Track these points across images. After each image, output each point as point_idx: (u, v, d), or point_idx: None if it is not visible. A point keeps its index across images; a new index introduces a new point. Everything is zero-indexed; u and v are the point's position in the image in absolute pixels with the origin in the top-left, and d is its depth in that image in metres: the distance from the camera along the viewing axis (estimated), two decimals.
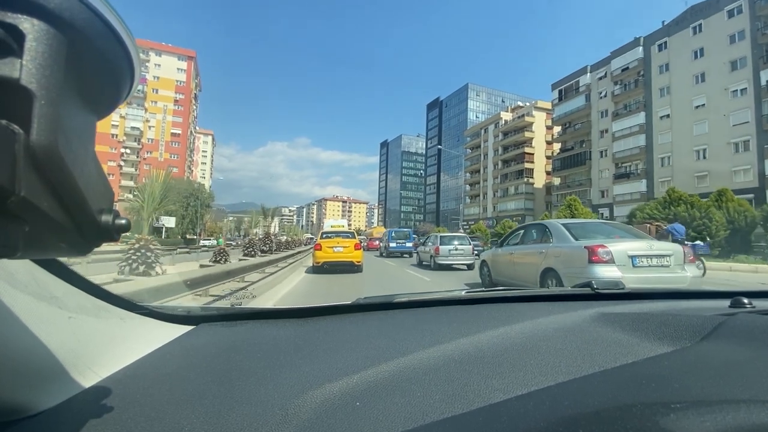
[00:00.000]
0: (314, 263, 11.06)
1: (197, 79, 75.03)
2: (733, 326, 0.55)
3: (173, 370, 0.57)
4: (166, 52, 66.78)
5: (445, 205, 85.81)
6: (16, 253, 0.22)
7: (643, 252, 4.57)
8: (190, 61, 68.47)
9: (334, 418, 0.43)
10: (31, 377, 0.42)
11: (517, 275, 5.97)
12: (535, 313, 0.80)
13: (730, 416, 0.29)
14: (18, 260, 0.36)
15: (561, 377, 0.48)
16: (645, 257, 4.54)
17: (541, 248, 5.45)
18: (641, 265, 4.49)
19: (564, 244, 5.07)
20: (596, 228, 5.64)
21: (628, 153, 38.08)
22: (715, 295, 1.10)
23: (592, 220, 9.24)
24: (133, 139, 63.45)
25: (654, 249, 4.63)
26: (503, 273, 6.51)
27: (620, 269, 4.38)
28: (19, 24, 0.20)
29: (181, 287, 4.31)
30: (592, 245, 4.59)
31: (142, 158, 64.16)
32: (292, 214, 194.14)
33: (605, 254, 4.45)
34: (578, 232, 5.19)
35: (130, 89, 0.29)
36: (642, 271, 4.47)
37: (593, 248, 4.52)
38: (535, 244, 5.79)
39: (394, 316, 0.89)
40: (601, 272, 4.35)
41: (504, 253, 6.61)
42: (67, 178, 0.22)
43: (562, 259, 4.97)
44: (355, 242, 11.12)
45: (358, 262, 10.88)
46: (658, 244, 4.82)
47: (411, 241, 19.70)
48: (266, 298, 6.24)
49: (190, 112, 68.99)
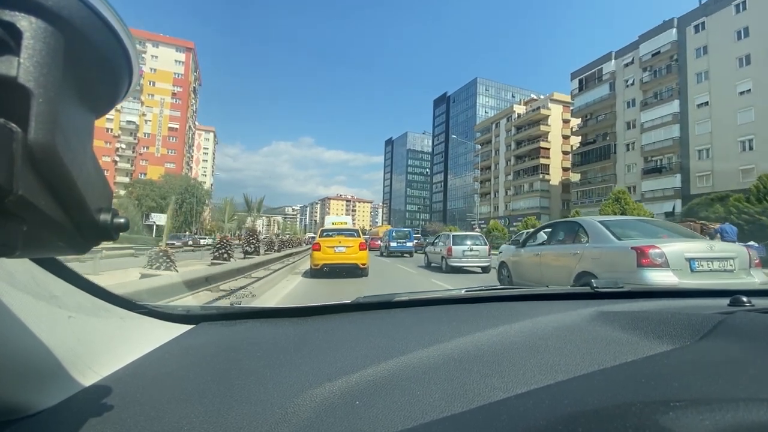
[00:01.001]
0: (312, 266, 9.34)
1: (196, 73, 72.48)
2: (732, 325, 0.55)
3: (173, 369, 0.57)
4: (164, 43, 64.14)
5: (452, 204, 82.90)
6: (15, 252, 0.22)
7: (702, 254, 3.97)
8: (189, 53, 65.81)
9: (333, 417, 0.43)
10: (31, 376, 0.42)
11: (545, 279, 5.27)
12: (534, 312, 0.80)
13: (730, 415, 0.29)
14: (17, 259, 0.36)
15: (560, 376, 0.48)
16: (705, 260, 3.93)
17: (575, 249, 4.78)
18: (701, 269, 3.87)
19: (604, 245, 4.44)
20: (638, 226, 4.95)
21: (659, 145, 34.81)
22: (714, 294, 1.11)
23: (631, 217, 7.66)
24: (128, 133, 60.88)
25: (715, 251, 4.03)
26: (527, 276, 5.79)
27: (676, 274, 3.77)
28: (17, 22, 0.20)
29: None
30: (640, 246, 3.97)
31: (138, 153, 61.64)
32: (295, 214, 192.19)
33: (658, 256, 3.84)
34: (619, 230, 4.54)
35: (129, 87, 0.28)
36: (702, 276, 3.85)
37: (643, 249, 3.90)
38: (566, 244, 5.11)
39: (393, 315, 0.89)
40: (654, 277, 3.74)
41: (528, 254, 5.84)
42: (66, 176, 0.22)
43: (602, 262, 4.37)
44: (359, 241, 9.46)
45: (363, 264, 9.27)
46: (720, 245, 4.29)
47: (411, 241, 19.45)
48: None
49: (188, 106, 66.37)
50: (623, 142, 38.63)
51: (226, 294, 5.35)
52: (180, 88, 64.65)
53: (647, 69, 36.55)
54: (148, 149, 62.10)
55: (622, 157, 38.69)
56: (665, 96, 34.73)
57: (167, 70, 63.50)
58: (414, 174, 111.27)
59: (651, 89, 36.13)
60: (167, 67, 63.65)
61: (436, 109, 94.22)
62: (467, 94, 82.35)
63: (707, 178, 31.03)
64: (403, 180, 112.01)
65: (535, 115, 52.82)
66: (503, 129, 58.54)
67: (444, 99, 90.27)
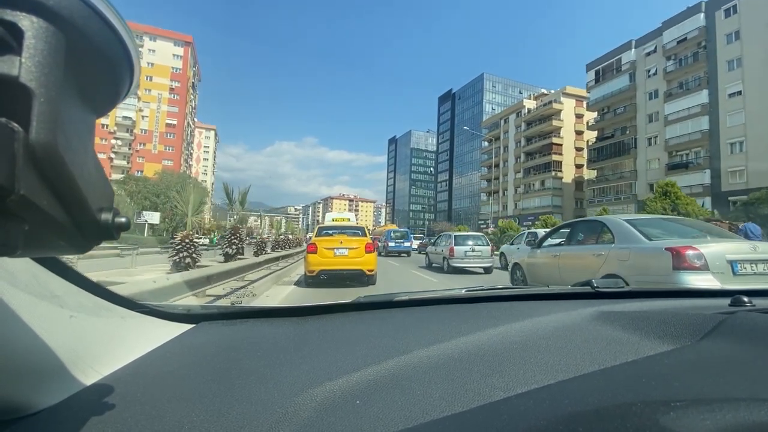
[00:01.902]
0: (306, 272, 7.34)
1: (195, 68, 70.57)
2: (733, 325, 0.55)
3: (174, 368, 0.57)
4: (162, 36, 62.25)
5: (457, 203, 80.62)
6: (16, 252, 0.22)
7: (745, 256, 3.50)
8: (187, 47, 63.90)
9: (334, 417, 0.43)
10: (32, 376, 0.42)
11: (564, 282, 4.42)
12: (535, 311, 0.80)
13: (731, 414, 0.29)
14: (18, 259, 0.37)
15: (561, 376, 0.48)
16: (749, 262, 3.48)
17: (599, 250, 4.36)
18: (744, 272, 3.44)
19: (633, 245, 3.97)
20: (668, 225, 4.49)
21: (685, 139, 32.36)
22: (715, 294, 1.10)
23: (659, 216, 7.21)
24: (124, 129, 59.04)
25: (759, 251, 3.54)
26: (544, 279, 5.29)
27: (718, 278, 3.37)
28: (18, 21, 0.20)
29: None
30: (676, 247, 3.54)
31: (135, 150, 59.79)
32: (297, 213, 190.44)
33: (696, 258, 3.43)
34: (650, 230, 4.08)
35: (130, 87, 0.28)
36: (746, 279, 3.41)
37: (679, 251, 3.48)
38: (589, 245, 4.69)
39: (394, 314, 0.89)
40: (693, 281, 3.35)
41: (545, 256, 5.39)
42: (67, 176, 0.22)
43: (631, 264, 3.89)
44: (365, 242, 7.50)
45: (370, 270, 7.31)
46: (763, 246, 3.67)
47: (409, 241, 19.65)
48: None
49: (187, 101, 64.44)
50: (644, 135, 36.16)
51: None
52: (178, 83, 62.76)
53: (671, 57, 34.10)
54: (144, 146, 60.27)
55: (644, 152, 36.23)
56: (692, 86, 32.27)
57: (165, 65, 61.63)
58: (418, 173, 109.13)
59: (676, 79, 33.67)
60: (165, 61, 61.78)
61: (440, 106, 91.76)
62: (473, 91, 79.94)
63: (740, 174, 28.54)
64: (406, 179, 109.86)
65: (547, 109, 50.44)
66: (512, 125, 56.20)
67: (449, 96, 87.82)
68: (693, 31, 32.27)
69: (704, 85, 31.29)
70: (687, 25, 32.83)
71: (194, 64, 69.19)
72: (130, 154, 59.38)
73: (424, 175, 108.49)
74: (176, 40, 63.41)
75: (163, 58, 61.67)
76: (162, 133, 61.50)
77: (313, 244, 7.25)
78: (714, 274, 3.40)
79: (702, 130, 31.20)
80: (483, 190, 64.47)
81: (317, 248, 7.14)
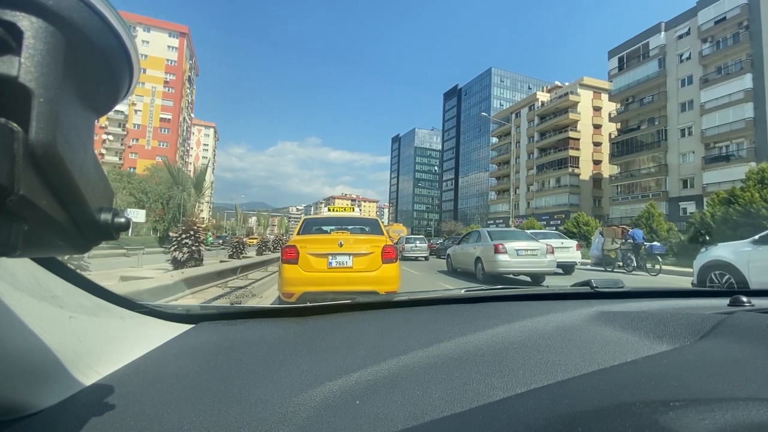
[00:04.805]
0: (281, 293, 4.17)
1: (192, 60, 67.74)
2: (732, 325, 0.56)
3: (173, 368, 0.57)
4: (156, 27, 59.45)
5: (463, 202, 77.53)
6: (16, 252, 0.22)
7: (523, 247, 8.06)
8: (183, 38, 61.05)
9: (333, 417, 0.43)
10: (32, 376, 0.42)
11: (464, 263, 9.89)
12: (534, 311, 0.80)
13: (729, 414, 0.29)
14: (18, 259, 0.37)
15: (560, 376, 0.48)
16: (524, 250, 8.01)
17: (475, 245, 9.30)
18: (522, 255, 8.06)
19: (485, 243, 8.81)
20: (505, 234, 9.07)
21: (726, 129, 29.23)
22: (714, 294, 1.11)
23: (503, 229, 10.74)
24: (116, 124, 56.22)
25: (530, 245, 8.14)
26: (458, 262, 10.34)
27: (510, 257, 7.93)
28: (18, 21, 0.20)
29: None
30: (496, 244, 8.15)
31: (127, 146, 56.87)
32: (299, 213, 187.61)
33: (502, 248, 7.99)
34: (495, 235, 8.87)
35: (129, 87, 0.28)
36: (521, 257, 8.03)
37: (496, 246, 8.10)
38: (472, 242, 9.52)
39: (393, 314, 0.89)
40: (500, 258, 7.95)
41: (460, 249, 10.31)
42: (66, 176, 0.22)
43: (482, 251, 8.70)
44: (383, 244, 4.30)
45: (390, 292, 4.05)
46: (533, 243, 8.24)
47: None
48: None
49: (182, 95, 61.60)
50: (676, 126, 33.00)
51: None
52: (173, 76, 59.88)
53: (708, 40, 31.00)
54: (138, 141, 57.35)
55: (675, 145, 33.08)
56: (733, 70, 29.13)
57: (159, 57, 58.73)
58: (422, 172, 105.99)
59: (713, 63, 30.53)
60: (159, 53, 58.90)
61: (446, 103, 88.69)
62: (481, 86, 76.79)
63: None
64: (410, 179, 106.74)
65: (563, 102, 47.32)
66: (524, 118, 53.08)
67: (455, 92, 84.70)
68: (733, 10, 29.11)
69: (747, 69, 28.13)
70: (726, 4, 29.66)
71: (191, 56, 66.37)
72: (123, 150, 56.56)
73: (428, 174, 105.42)
74: (171, 31, 60.60)
75: (158, 49, 58.82)
76: (156, 128, 58.60)
77: (291, 247, 4.12)
78: (509, 255, 7.70)
79: (746, 119, 28.02)
80: (492, 188, 61.34)
81: (298, 254, 4.06)
